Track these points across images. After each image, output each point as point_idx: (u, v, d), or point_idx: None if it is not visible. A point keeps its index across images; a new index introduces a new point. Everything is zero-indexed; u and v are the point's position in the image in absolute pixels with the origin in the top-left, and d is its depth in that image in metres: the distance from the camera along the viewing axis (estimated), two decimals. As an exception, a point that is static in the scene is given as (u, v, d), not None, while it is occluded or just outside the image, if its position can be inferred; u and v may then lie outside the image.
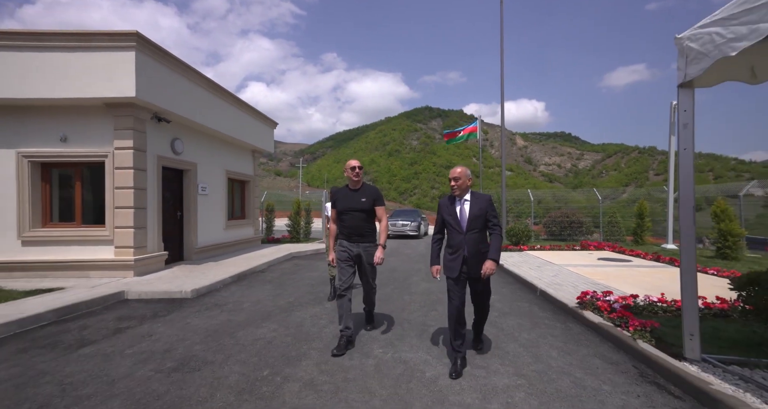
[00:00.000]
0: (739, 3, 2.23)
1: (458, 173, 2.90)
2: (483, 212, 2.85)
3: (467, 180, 2.91)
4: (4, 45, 5.56)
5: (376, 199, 3.43)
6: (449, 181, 2.96)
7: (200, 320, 4.20)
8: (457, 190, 2.91)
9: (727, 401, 2.15)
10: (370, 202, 3.38)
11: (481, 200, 2.90)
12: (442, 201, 3.03)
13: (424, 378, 2.73)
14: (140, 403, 2.39)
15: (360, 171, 3.40)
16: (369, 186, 3.49)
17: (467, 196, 2.93)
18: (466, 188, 2.92)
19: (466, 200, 2.92)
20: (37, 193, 6.13)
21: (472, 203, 2.89)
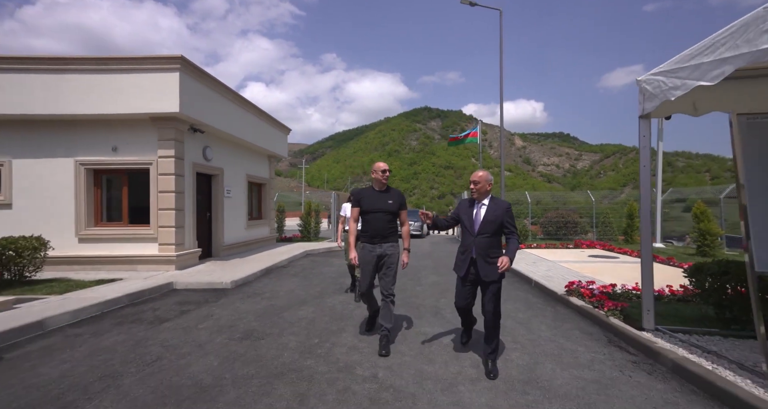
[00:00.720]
0: (675, 62, 3.04)
1: (478, 177, 2.94)
2: (498, 218, 2.86)
3: (487, 184, 2.94)
4: (68, 68, 6.35)
5: (402, 203, 3.49)
6: (470, 183, 3.02)
7: (247, 305, 4.99)
8: (475, 193, 2.95)
9: (664, 354, 2.96)
10: (397, 205, 3.43)
11: (499, 207, 2.91)
12: (462, 201, 3.18)
13: (441, 344, 3.53)
14: (229, 358, 3.18)
15: (389, 174, 3.49)
16: (395, 189, 3.54)
17: (486, 200, 2.96)
18: (485, 193, 2.95)
19: (484, 204, 2.96)
20: (90, 196, 6.91)
21: (489, 208, 2.92)
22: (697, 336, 3.35)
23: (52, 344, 3.52)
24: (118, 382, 2.73)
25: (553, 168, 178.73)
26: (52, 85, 6.38)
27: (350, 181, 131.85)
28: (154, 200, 6.85)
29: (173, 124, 6.77)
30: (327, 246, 11.33)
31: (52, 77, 6.38)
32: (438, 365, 3.04)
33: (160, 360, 3.14)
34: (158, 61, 6.43)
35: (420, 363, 3.06)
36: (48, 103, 6.40)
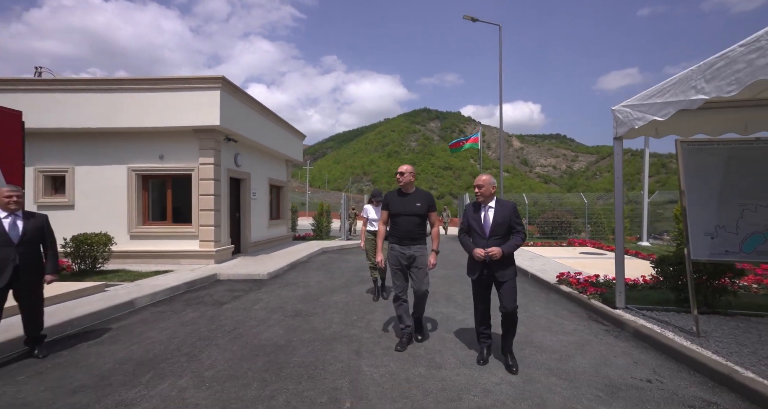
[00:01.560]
0: (638, 98, 3.95)
1: (482, 181, 3.00)
2: (506, 219, 2.93)
3: (491, 188, 2.99)
4: (125, 88, 7.25)
5: (431, 205, 3.47)
6: (473, 187, 3.09)
7: (286, 292, 5.88)
8: (480, 196, 3.01)
9: (628, 323, 3.87)
10: (425, 208, 3.41)
11: (505, 208, 2.97)
12: (467, 206, 3.21)
13: (456, 320, 4.42)
14: (290, 329, 4.07)
15: (402, 176, 3.45)
16: (422, 191, 3.53)
17: (492, 203, 3.01)
18: (490, 195, 3.00)
19: (491, 207, 2.99)
20: (140, 198, 7.80)
21: (497, 210, 2.97)
22: (656, 312, 4.27)
23: (146, 318, 4.41)
24: (214, 342, 3.62)
25: (550, 169, 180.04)
26: (111, 102, 7.27)
27: (351, 181, 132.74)
28: (196, 202, 7.73)
29: (213, 135, 7.66)
30: (340, 244, 12.23)
31: (111, 96, 7.28)
32: (456, 333, 3.94)
33: (237, 329, 4.03)
34: (202, 81, 7.33)
35: (442, 331, 3.97)
36: (107, 118, 7.29)
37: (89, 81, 7.30)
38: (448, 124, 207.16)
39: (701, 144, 3.60)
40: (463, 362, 3.13)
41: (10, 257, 3.05)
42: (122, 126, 7.34)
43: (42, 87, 7.35)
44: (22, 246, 3.12)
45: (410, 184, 3.46)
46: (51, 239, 3.38)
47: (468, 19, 14.14)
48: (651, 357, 3.22)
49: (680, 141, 3.63)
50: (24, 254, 3.12)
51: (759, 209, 3.30)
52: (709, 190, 3.48)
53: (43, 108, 7.15)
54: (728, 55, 2.73)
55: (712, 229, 3.45)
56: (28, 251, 3.17)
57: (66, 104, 7.27)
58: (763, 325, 3.71)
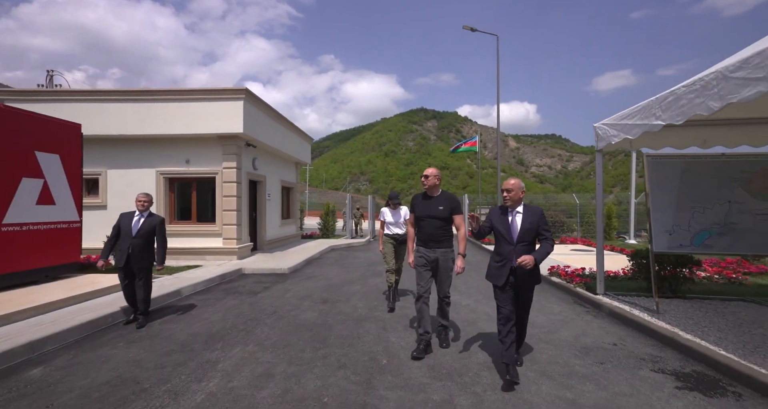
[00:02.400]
0: (614, 118, 4.72)
1: (511, 185, 2.91)
2: (534, 225, 2.84)
3: (520, 192, 2.90)
4: (155, 98, 7.92)
5: (454, 208, 3.43)
6: (502, 191, 2.98)
7: (310, 283, 6.61)
8: (509, 201, 2.91)
9: (605, 306, 4.65)
10: (448, 211, 3.39)
11: (534, 214, 2.88)
12: (493, 209, 3.11)
13: (461, 305, 5.19)
14: (322, 312, 4.80)
15: (427, 179, 3.43)
16: (447, 194, 3.50)
17: (519, 208, 2.92)
18: (518, 200, 2.91)
19: (519, 212, 2.90)
20: (167, 199, 8.48)
21: (525, 216, 2.88)
22: (629, 297, 5.06)
23: (194, 304, 5.13)
24: (261, 322, 4.34)
25: (545, 169, 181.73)
26: (142, 111, 7.95)
27: (348, 180, 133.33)
28: (219, 203, 8.43)
29: (235, 142, 8.36)
30: (346, 242, 12.96)
31: (142, 105, 7.96)
32: (460, 315, 4.71)
33: (277, 313, 4.77)
34: (227, 92, 8.02)
35: (464, 312, 4.73)
36: (138, 126, 7.97)
37: (123, 92, 7.96)
38: (444, 124, 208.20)
39: (663, 158, 4.39)
40: (471, 332, 3.90)
41: (127, 246, 4.00)
42: (152, 133, 8.02)
43: (80, 97, 8.00)
44: (137, 238, 4.03)
45: (435, 187, 3.44)
46: (161, 237, 4.24)
47: (467, 29, 14.91)
48: (619, 329, 4.01)
49: (646, 155, 4.42)
50: (137, 245, 4.02)
51: (705, 211, 4.10)
52: (668, 195, 4.28)
53: (80, 116, 7.76)
54: (675, 92, 3.50)
55: (670, 227, 4.25)
56: (141, 243, 4.05)
57: (101, 113, 7.93)
58: (711, 305, 4.52)
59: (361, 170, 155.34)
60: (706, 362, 3.03)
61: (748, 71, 2.68)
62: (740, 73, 2.76)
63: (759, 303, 4.59)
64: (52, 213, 5.31)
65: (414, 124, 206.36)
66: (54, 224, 5.33)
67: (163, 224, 4.29)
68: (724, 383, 2.72)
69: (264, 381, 2.80)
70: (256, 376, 2.89)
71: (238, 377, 2.86)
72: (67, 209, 5.53)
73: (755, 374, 2.63)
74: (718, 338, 3.36)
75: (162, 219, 4.32)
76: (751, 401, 2.46)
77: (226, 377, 2.86)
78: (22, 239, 4.88)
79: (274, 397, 2.56)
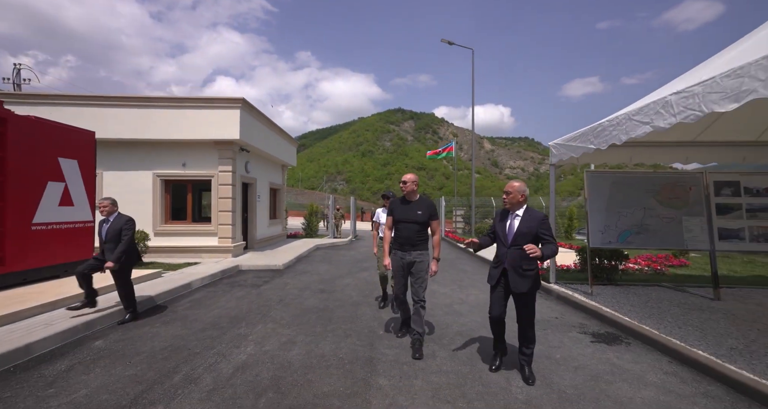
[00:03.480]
0: (564, 139, 5.83)
1: (511, 188, 2.92)
2: (532, 230, 2.79)
3: (519, 196, 2.88)
4: (154, 105, 8.38)
5: (432, 214, 3.53)
6: (503, 193, 3.01)
7: (305, 277, 7.37)
8: (507, 203, 2.92)
9: (554, 291, 5.76)
10: (426, 216, 3.49)
11: (533, 219, 2.83)
12: (497, 211, 3.13)
13: (439, 293, 6.14)
14: (322, 300, 5.61)
15: (405, 185, 3.55)
16: (425, 199, 3.60)
17: (520, 211, 2.90)
18: (517, 203, 2.89)
19: (518, 216, 2.89)
20: (163, 200, 8.93)
21: (523, 220, 2.85)
22: (574, 285, 6.22)
23: (205, 295, 5.79)
24: (273, 307, 5.10)
25: (518, 171, 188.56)
26: (141, 117, 8.38)
27: (325, 180, 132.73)
28: (215, 204, 8.99)
29: (230, 147, 8.95)
30: (330, 241, 13.71)
31: (140, 111, 8.39)
32: (439, 300, 5.67)
33: (283, 301, 5.53)
34: (224, 101, 8.61)
35: (442, 298, 5.68)
36: (136, 131, 8.40)
37: (121, 98, 8.35)
38: (422, 125, 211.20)
39: (597, 173, 5.55)
40: (448, 311, 4.85)
41: (101, 251, 4.18)
42: (150, 138, 8.48)
43: (82, 102, 8.32)
44: (108, 243, 4.12)
45: (414, 192, 3.57)
46: (124, 236, 4.12)
47: (445, 42, 16.04)
48: (562, 307, 5.10)
49: (586, 171, 5.56)
50: (109, 249, 4.11)
51: (627, 215, 5.29)
52: (601, 202, 5.43)
53: (81, 120, 8.10)
54: (602, 124, 4.60)
55: (602, 227, 5.40)
56: (112, 247, 4.10)
57: (101, 117, 8.29)
58: (634, 289, 5.74)
59: (337, 170, 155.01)
60: (615, 326, 4.14)
61: (641, 117, 3.78)
62: (637, 116, 3.87)
63: (669, 287, 5.86)
64: (71, 213, 5.78)
65: (391, 125, 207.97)
66: (72, 224, 5.81)
67: (129, 223, 4.19)
68: (622, 338, 3.83)
69: (290, 346, 3.61)
70: (282, 343, 3.69)
71: (268, 344, 3.65)
72: (83, 210, 6.01)
73: (642, 330, 3.74)
74: (628, 310, 4.49)
75: (128, 219, 4.22)
76: (634, 347, 3.58)
77: (258, 344, 3.65)
78: (47, 237, 5.36)
79: (301, 355, 3.38)
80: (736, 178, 5.24)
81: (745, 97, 2.59)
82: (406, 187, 3.56)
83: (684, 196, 5.28)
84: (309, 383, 2.85)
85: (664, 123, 3.49)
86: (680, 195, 5.28)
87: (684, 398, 2.65)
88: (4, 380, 2.87)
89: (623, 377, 2.98)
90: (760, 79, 2.49)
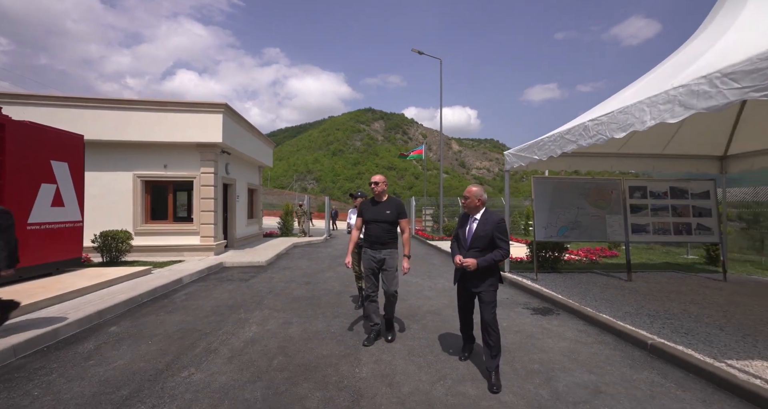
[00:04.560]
0: (516, 149, 6.87)
1: (469, 192, 3.01)
2: (488, 233, 2.86)
3: (476, 200, 2.96)
4: (136, 107, 8.56)
5: (400, 213, 3.67)
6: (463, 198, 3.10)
7: (289, 272, 7.94)
8: (465, 207, 3.01)
9: (507, 278, 6.79)
10: (395, 215, 3.65)
11: (489, 222, 2.90)
12: (460, 214, 3.20)
13: (411, 282, 6.98)
14: (309, 290, 6.25)
15: (376, 186, 3.69)
16: (394, 199, 3.74)
17: (478, 215, 2.97)
18: (475, 207, 2.97)
19: (476, 219, 2.97)
20: (143, 200, 9.11)
21: (480, 223, 2.92)
22: (524, 273, 7.30)
23: (198, 288, 6.24)
24: (265, 297, 5.68)
25: (484, 171, 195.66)
26: (121, 119, 8.53)
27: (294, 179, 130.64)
28: (197, 204, 9.29)
29: (213, 149, 9.30)
30: (306, 240, 14.22)
31: (120, 113, 8.54)
32: (411, 288, 6.52)
33: (273, 291, 6.12)
34: (207, 106, 8.95)
35: (414, 286, 6.51)
36: (116, 132, 8.54)
37: (101, 100, 8.44)
38: (392, 125, 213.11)
39: (542, 178, 6.66)
40: (420, 296, 5.69)
41: None
42: (132, 139, 8.65)
43: (61, 103, 8.33)
44: None
45: (384, 192, 3.73)
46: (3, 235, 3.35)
47: (415, 51, 16.99)
48: (512, 291, 6.12)
49: (533, 176, 6.64)
50: None
51: (564, 213, 6.42)
52: (545, 202, 6.53)
53: (59, 121, 8.15)
54: (543, 139, 5.63)
55: (546, 224, 6.49)
56: None
57: (80, 119, 8.36)
58: (570, 275, 6.90)
59: (307, 169, 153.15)
60: (550, 302, 5.19)
61: (570, 136, 4.82)
62: (567, 135, 4.90)
63: (598, 273, 7.09)
64: (62, 214, 6.01)
65: (362, 124, 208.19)
66: (63, 224, 6.03)
67: (4, 216, 3.37)
68: (554, 310, 4.87)
69: (287, 326, 4.27)
70: (281, 323, 4.35)
71: (269, 325, 4.30)
72: (73, 210, 6.23)
73: (568, 304, 4.80)
74: (562, 290, 5.57)
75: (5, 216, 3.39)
76: (562, 316, 4.63)
77: (260, 325, 4.28)
78: (41, 236, 5.58)
79: (299, 331, 4.07)
80: (644, 184, 6.54)
81: (628, 129, 3.62)
82: (377, 188, 3.70)
83: (607, 198, 6.50)
84: (310, 349, 3.56)
85: (585, 142, 4.52)
86: (604, 197, 6.50)
87: (586, 345, 3.66)
88: (44, 356, 3.33)
89: (549, 335, 3.95)
90: (636, 117, 3.52)
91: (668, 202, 6.47)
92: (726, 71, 2.63)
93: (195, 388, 2.77)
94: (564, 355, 3.43)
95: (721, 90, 2.66)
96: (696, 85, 2.89)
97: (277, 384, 2.84)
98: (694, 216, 6.40)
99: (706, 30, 4.49)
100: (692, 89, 2.93)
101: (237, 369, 3.10)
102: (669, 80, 3.40)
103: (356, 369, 3.12)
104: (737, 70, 2.54)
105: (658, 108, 3.27)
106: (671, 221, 6.39)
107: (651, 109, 3.37)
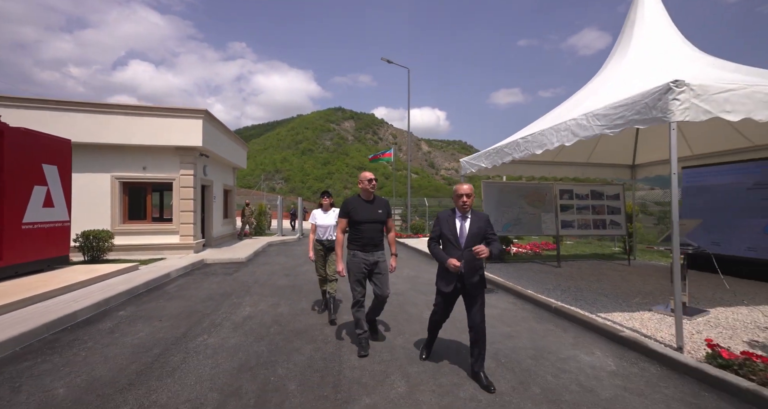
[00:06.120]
0: (472, 157, 8.03)
1: (470, 191, 2.91)
2: (482, 230, 2.88)
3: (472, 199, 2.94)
4: (117, 111, 8.87)
5: (389, 212, 3.58)
6: (460, 196, 2.91)
7: (268, 267, 8.63)
8: (466, 207, 2.90)
9: (463, 267, 7.96)
10: (385, 214, 3.55)
11: (481, 219, 2.92)
12: (441, 214, 3.04)
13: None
14: (290, 280, 7.03)
15: (375, 183, 3.51)
16: (381, 198, 3.60)
17: (469, 214, 2.93)
18: (470, 207, 2.95)
19: (467, 218, 2.92)
20: (121, 201, 9.39)
21: (473, 221, 2.90)
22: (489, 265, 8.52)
23: (187, 281, 6.83)
24: (251, 287, 6.41)
25: (453, 172, 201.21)
26: (98, 122, 8.80)
27: (262, 178, 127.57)
28: (177, 205, 9.71)
29: (192, 153, 9.76)
30: (280, 239, 14.80)
31: (98, 117, 8.81)
32: (381, 276, 7.48)
33: (258, 282, 6.85)
34: (188, 111, 9.41)
35: (374, 276, 7.45)
36: (93, 135, 8.80)
37: (78, 103, 8.65)
38: (362, 125, 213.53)
39: (491, 183, 7.88)
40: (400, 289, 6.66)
41: None
42: (110, 142, 8.93)
43: (38, 105, 8.45)
44: None
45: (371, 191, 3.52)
46: None
47: (384, 60, 18.02)
48: (466, 277, 7.27)
49: (483, 181, 7.85)
50: None
51: (508, 212, 7.69)
52: (492, 202, 7.75)
53: (37, 124, 8.31)
54: (489, 151, 6.81)
55: (493, 221, 7.72)
56: None
57: (57, 121, 8.54)
58: (516, 265, 8.19)
59: (276, 168, 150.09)
60: (493, 284, 6.38)
61: (507, 149, 6.00)
62: (506, 149, 6.08)
63: (538, 263, 8.46)
64: (52, 214, 6.36)
65: (332, 123, 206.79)
66: (53, 223, 6.38)
67: None
68: (495, 290, 6.08)
69: (276, 307, 5.08)
70: (270, 305, 5.15)
71: (260, 306, 5.09)
72: (62, 211, 6.59)
73: (506, 284, 6.01)
74: (503, 275, 6.79)
75: None
76: (500, 294, 5.85)
77: (253, 307, 5.06)
78: (33, 235, 5.94)
79: (287, 310, 4.90)
80: (571, 187, 7.97)
81: (544, 147, 4.82)
82: (371, 186, 3.49)
83: (542, 199, 7.86)
84: (299, 320, 4.42)
85: (517, 156, 5.72)
86: (540, 198, 7.85)
87: (511, 311, 4.84)
88: (71, 332, 3.94)
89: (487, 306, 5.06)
90: (548, 139, 4.72)
91: (589, 202, 7.94)
92: (594, 113, 3.84)
93: (213, 347, 3.56)
94: (494, 318, 4.55)
95: (591, 125, 3.87)
96: (580, 120, 4.10)
97: (277, 342, 3.70)
98: (608, 214, 7.91)
99: (600, 75, 5.86)
100: (578, 122, 4.13)
101: (242, 335, 3.91)
102: (569, 114, 4.63)
103: (337, 331, 4.03)
104: (599, 113, 3.75)
105: (560, 133, 4.48)
106: (591, 217, 7.86)
107: (557, 133, 4.57)
